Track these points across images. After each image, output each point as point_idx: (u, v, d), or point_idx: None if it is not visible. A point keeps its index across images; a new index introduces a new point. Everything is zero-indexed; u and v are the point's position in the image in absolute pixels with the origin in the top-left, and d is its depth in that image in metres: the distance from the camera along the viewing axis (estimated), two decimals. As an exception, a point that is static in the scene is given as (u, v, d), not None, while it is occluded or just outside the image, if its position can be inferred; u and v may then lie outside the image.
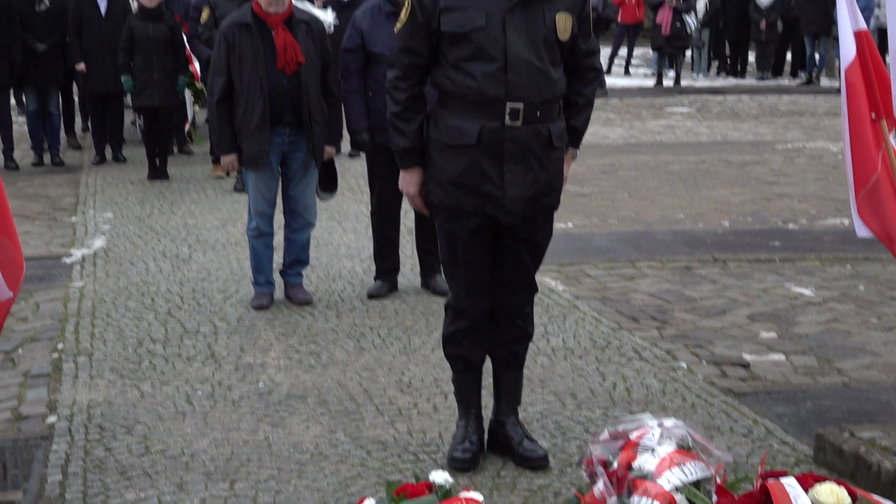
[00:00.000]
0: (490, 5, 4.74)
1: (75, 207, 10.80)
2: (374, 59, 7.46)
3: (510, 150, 4.80)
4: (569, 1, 4.86)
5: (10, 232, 5.06)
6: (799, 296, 7.85)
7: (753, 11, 21.42)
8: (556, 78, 4.86)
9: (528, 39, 4.77)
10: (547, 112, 4.84)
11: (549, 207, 5.02)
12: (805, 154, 13.74)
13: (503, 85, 4.75)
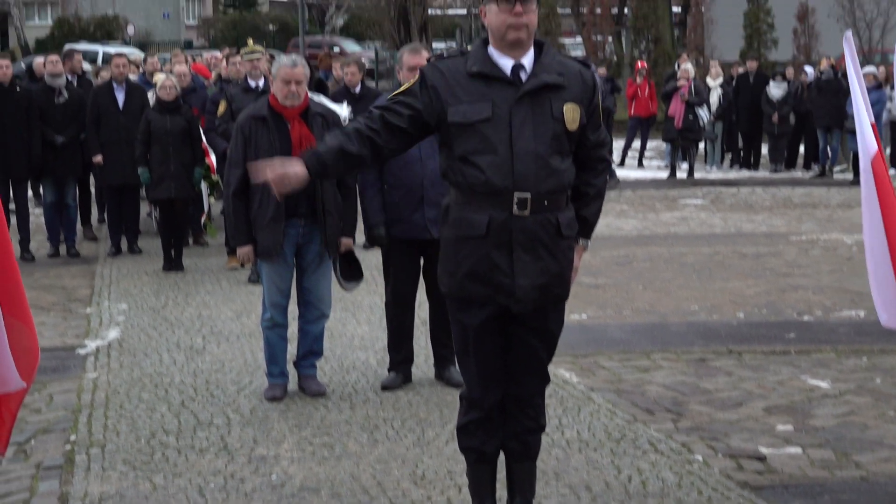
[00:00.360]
0: (496, 97, 4.80)
1: (90, 298, 10.82)
2: None
3: (519, 239, 4.83)
4: (577, 92, 4.91)
5: (27, 320, 5.08)
6: (815, 388, 7.80)
7: (765, 104, 21.56)
8: (564, 168, 4.90)
9: (534, 130, 4.81)
10: (555, 202, 4.88)
11: (559, 297, 5.04)
12: (819, 246, 13.73)
13: (510, 175, 4.79)
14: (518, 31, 4.83)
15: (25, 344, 5.07)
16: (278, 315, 7.54)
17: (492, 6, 4.87)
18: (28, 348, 5.08)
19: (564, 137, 4.89)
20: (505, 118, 4.80)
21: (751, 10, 32.08)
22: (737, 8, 33.49)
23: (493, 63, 4.86)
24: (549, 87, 4.86)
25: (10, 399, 5.04)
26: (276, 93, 7.42)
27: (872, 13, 32.23)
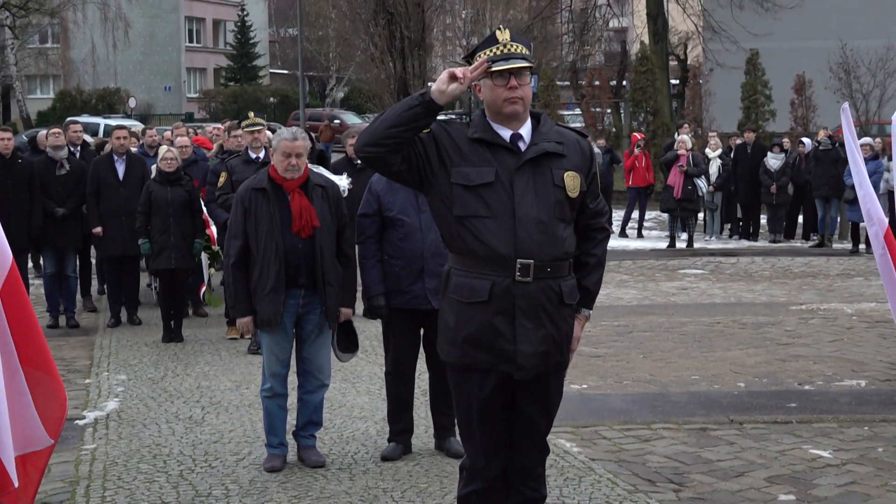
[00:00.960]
0: (499, 163, 4.83)
1: (89, 370, 10.80)
2: (389, 223, 7.55)
3: (521, 305, 4.84)
4: (577, 161, 4.98)
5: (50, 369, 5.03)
6: (817, 458, 7.77)
7: (763, 175, 21.66)
8: (566, 236, 4.94)
9: (536, 197, 4.85)
10: (557, 269, 4.90)
11: (559, 365, 5.05)
12: (819, 315, 13.73)
13: (513, 242, 4.81)
14: (514, 105, 4.89)
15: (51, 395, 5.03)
16: (278, 385, 7.52)
17: (486, 81, 4.92)
18: (53, 394, 5.04)
19: (567, 205, 4.93)
20: (507, 184, 4.84)
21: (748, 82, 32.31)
22: (734, 80, 33.75)
23: (494, 131, 4.91)
24: (550, 155, 4.91)
25: (38, 457, 5.00)
26: (277, 165, 7.46)
27: (869, 85, 32.45)
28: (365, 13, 34.22)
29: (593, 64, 50.60)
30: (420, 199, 7.54)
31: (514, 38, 4.97)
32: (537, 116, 5.02)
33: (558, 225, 4.90)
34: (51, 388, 5.00)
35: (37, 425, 4.93)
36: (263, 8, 76.51)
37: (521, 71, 4.88)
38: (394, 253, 7.56)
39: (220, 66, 73.64)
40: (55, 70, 64.57)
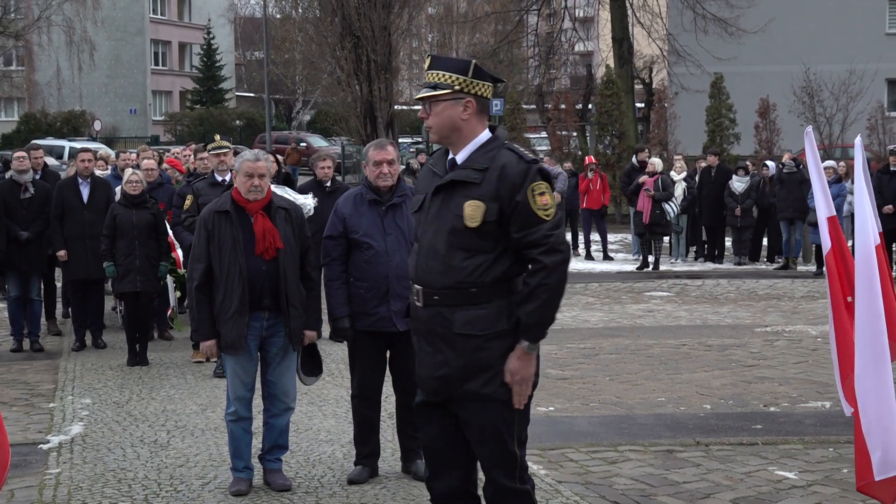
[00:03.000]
0: (426, 189, 5.02)
1: (54, 393, 10.71)
2: (355, 245, 7.56)
3: (418, 328, 5.01)
4: (490, 189, 4.86)
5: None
6: (783, 479, 7.79)
7: (728, 197, 21.79)
8: (466, 266, 4.87)
9: (437, 225, 4.91)
10: (448, 297, 4.87)
11: (479, 395, 4.92)
12: (784, 337, 13.80)
13: (415, 267, 5.00)
14: (430, 132, 5.04)
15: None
16: (242, 408, 7.49)
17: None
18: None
19: (466, 234, 4.86)
20: (426, 211, 4.98)
21: (713, 105, 32.53)
22: (699, 103, 33.98)
23: (439, 156, 5.08)
24: (457, 184, 4.90)
25: None
26: (239, 186, 7.43)
27: (832, 109, 32.74)
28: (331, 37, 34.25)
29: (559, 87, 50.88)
30: (386, 221, 7.55)
31: (433, 65, 5.03)
32: (491, 139, 5.00)
33: (456, 254, 4.87)
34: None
35: None
36: (229, 31, 76.47)
37: (433, 99, 4.94)
38: (359, 275, 7.56)
39: (186, 88, 73.52)
40: (19, 93, 64.27)
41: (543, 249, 4.88)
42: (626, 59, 37.98)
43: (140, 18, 72.47)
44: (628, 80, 37.93)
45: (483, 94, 5.03)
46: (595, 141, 34.68)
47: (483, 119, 5.07)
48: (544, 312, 4.89)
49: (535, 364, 4.98)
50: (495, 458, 5.01)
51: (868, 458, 5.77)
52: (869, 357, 5.80)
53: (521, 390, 4.94)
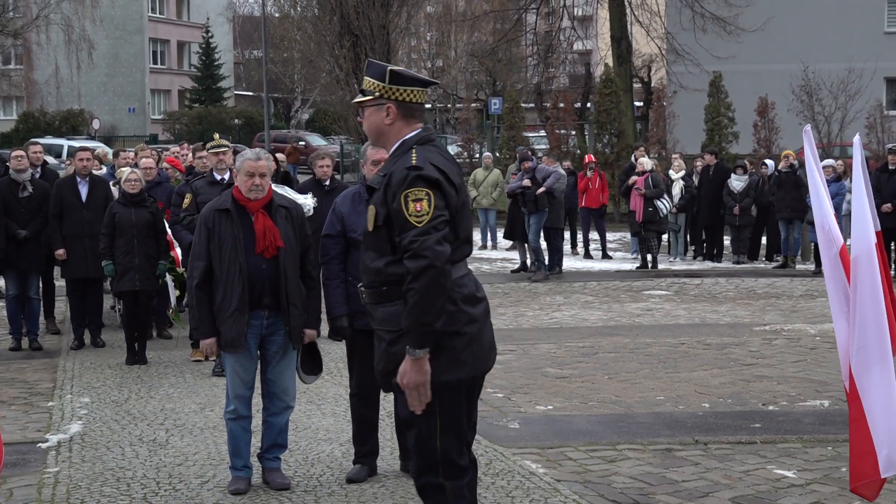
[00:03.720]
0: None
1: (52, 392, 10.71)
2: (353, 244, 7.55)
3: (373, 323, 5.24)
4: (381, 194, 5.11)
5: None
6: (781, 478, 7.79)
7: (727, 196, 21.79)
8: (377, 266, 5.12)
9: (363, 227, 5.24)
10: (370, 295, 5.20)
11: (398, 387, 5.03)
12: (783, 336, 13.80)
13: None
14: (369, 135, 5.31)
15: None
16: (242, 407, 7.49)
17: None
18: None
19: (370, 237, 5.13)
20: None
21: (711, 104, 32.51)
22: (698, 102, 33.96)
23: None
24: (371, 189, 5.27)
25: None
26: (240, 185, 7.45)
27: (831, 107, 32.74)
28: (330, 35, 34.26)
29: (558, 86, 50.86)
30: None
31: (365, 70, 5.31)
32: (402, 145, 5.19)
33: (368, 254, 5.16)
34: None
35: None
36: (228, 30, 76.47)
37: (361, 104, 5.26)
38: (357, 274, 7.55)
39: (185, 87, 73.52)
40: (18, 91, 64.26)
41: (409, 254, 4.91)
42: (624, 58, 37.97)
43: (139, 17, 72.48)
44: (627, 79, 37.92)
45: (406, 99, 5.17)
46: (594, 140, 34.67)
47: (410, 122, 5.19)
48: (415, 317, 4.86)
49: (425, 371, 4.90)
50: (415, 448, 5.20)
51: (873, 456, 5.77)
52: (873, 354, 5.80)
53: (412, 395, 4.94)
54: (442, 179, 4.98)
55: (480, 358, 5.14)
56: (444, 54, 59.92)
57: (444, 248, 4.87)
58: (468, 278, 5.15)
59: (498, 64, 50.61)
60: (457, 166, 5.23)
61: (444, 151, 5.29)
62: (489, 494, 7.32)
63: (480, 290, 5.22)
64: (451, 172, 5.09)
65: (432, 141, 5.20)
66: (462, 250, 5.13)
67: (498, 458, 8.21)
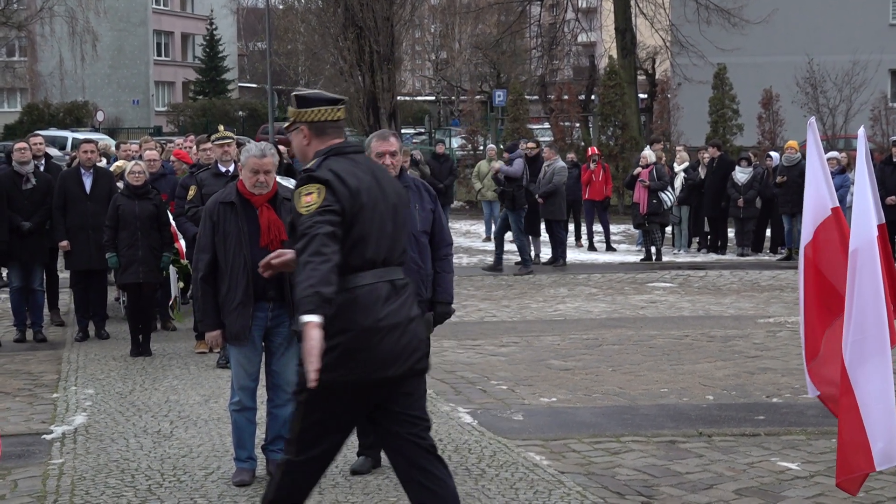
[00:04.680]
0: None
1: (57, 384, 10.73)
2: None
3: None
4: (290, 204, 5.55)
5: None
6: (785, 470, 7.80)
7: (731, 188, 21.78)
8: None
9: None
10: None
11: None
12: (787, 328, 13.80)
13: None
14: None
15: None
16: (247, 398, 7.50)
17: None
18: None
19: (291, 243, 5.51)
20: None
21: (716, 96, 32.46)
22: (702, 94, 33.92)
23: None
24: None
25: None
26: (245, 181, 7.44)
27: (835, 99, 32.69)
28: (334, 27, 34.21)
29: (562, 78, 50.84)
30: None
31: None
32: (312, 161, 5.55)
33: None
34: None
35: None
36: (232, 22, 76.41)
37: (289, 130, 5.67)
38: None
39: (189, 79, 73.49)
40: (22, 83, 64.22)
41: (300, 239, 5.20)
42: (629, 50, 37.91)
43: (143, 9, 72.44)
44: (631, 71, 37.87)
45: (315, 119, 5.53)
46: (598, 132, 34.64)
47: (324, 139, 5.52)
48: (301, 285, 5.03)
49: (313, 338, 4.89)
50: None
51: (866, 449, 5.77)
52: (871, 347, 5.80)
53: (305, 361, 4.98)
54: (333, 180, 5.24)
55: (366, 366, 5.22)
56: (448, 46, 59.83)
57: (326, 227, 5.10)
58: (374, 288, 5.28)
59: (502, 56, 50.53)
60: (373, 177, 5.46)
61: (361, 163, 5.50)
62: (493, 486, 7.33)
63: (393, 304, 5.32)
64: (354, 179, 5.32)
65: (346, 153, 5.47)
66: (360, 256, 5.28)
67: (502, 449, 8.22)
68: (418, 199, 7.68)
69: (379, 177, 5.50)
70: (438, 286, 7.69)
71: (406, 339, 5.32)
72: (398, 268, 5.46)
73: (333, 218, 5.15)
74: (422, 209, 7.65)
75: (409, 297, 5.45)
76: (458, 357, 11.95)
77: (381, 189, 5.43)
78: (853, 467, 5.83)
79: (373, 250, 5.32)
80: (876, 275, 5.84)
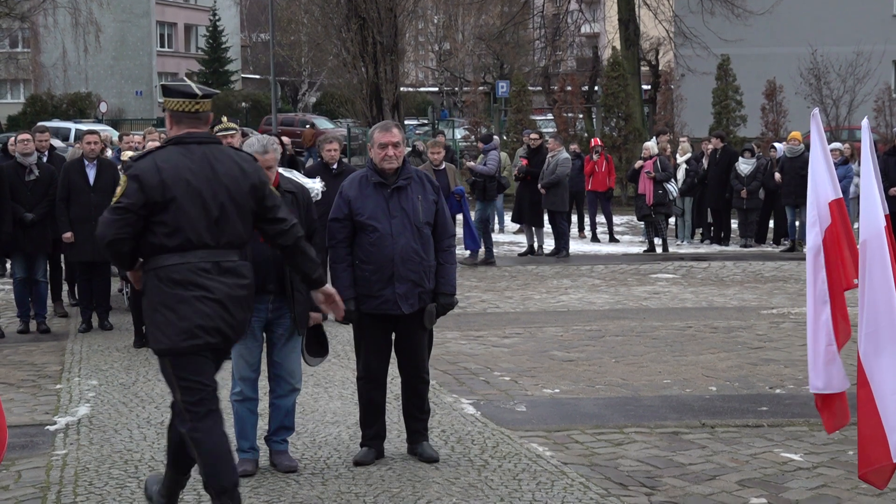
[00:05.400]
0: None
1: (60, 375, 10.74)
2: (360, 227, 7.55)
3: None
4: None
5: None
6: (788, 461, 7.80)
7: (734, 179, 21.76)
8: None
9: None
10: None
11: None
12: (790, 319, 13.79)
13: None
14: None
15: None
16: (248, 389, 7.50)
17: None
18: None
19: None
20: None
21: (719, 87, 32.45)
22: (706, 85, 33.92)
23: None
24: None
25: None
26: None
27: (839, 91, 32.67)
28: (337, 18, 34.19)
29: (565, 69, 50.75)
30: (391, 204, 7.55)
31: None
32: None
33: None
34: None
35: None
36: (235, 13, 76.37)
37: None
38: (365, 258, 7.57)
39: (192, 70, 73.41)
40: (25, 74, 64.22)
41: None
42: (632, 41, 37.88)
43: (146, 0, 72.39)
44: (634, 62, 37.84)
45: (172, 108, 6.10)
46: (601, 123, 34.63)
47: (179, 128, 6.10)
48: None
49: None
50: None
51: (884, 441, 5.76)
52: (884, 338, 5.79)
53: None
54: (142, 175, 5.86)
55: (179, 334, 5.86)
56: (452, 37, 59.79)
57: (110, 217, 5.87)
58: (182, 267, 5.87)
59: (505, 47, 50.49)
60: (208, 167, 5.97)
61: (195, 154, 5.99)
62: (496, 477, 7.33)
63: (201, 279, 5.89)
64: (172, 171, 5.89)
65: (185, 143, 6.02)
66: (174, 238, 5.87)
67: (505, 440, 8.22)
68: (421, 190, 7.67)
69: (216, 167, 5.98)
70: (441, 277, 7.69)
71: (218, 313, 5.92)
72: (226, 251, 5.98)
73: (123, 215, 5.87)
74: (424, 200, 7.65)
75: (233, 277, 5.98)
76: (462, 348, 11.96)
77: (212, 178, 5.94)
78: (872, 459, 5.83)
79: (187, 234, 5.87)
80: (886, 266, 5.83)
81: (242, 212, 6.04)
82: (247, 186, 6.05)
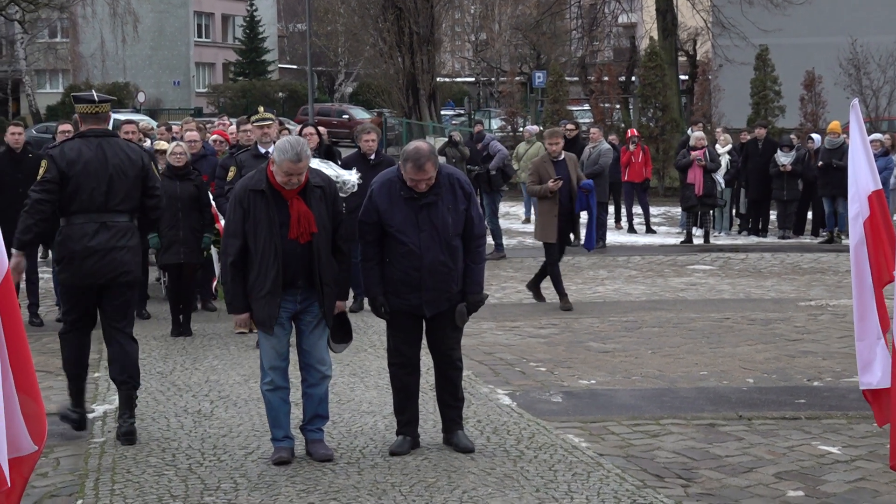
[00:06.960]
0: None
1: (98, 363, 10.79)
2: (389, 235, 7.56)
3: None
4: None
5: (32, 391, 5.10)
6: (826, 454, 7.76)
7: (773, 170, 21.62)
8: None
9: None
10: None
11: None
12: (828, 312, 13.71)
13: None
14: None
15: (32, 410, 5.11)
16: (278, 378, 7.52)
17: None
18: (35, 414, 5.12)
19: None
20: None
21: (758, 77, 32.22)
22: (744, 76, 33.69)
23: None
24: None
25: (23, 462, 5.06)
26: (277, 177, 7.34)
27: (879, 81, 32.39)
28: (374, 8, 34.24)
29: (602, 59, 50.61)
30: (420, 218, 7.51)
31: None
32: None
33: None
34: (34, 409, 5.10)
35: (24, 433, 5.00)
36: (272, 3, 76.55)
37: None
38: (394, 261, 7.58)
39: (229, 60, 73.72)
40: (64, 64, 64.65)
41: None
42: (669, 31, 37.68)
43: (183, -9, 72.70)
44: (672, 52, 37.64)
45: (80, 111, 8.16)
46: (638, 113, 34.48)
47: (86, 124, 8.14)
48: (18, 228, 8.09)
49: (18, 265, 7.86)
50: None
51: None
52: None
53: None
54: (56, 156, 7.92)
55: (78, 275, 7.94)
56: (488, 27, 59.71)
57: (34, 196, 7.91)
58: (78, 227, 7.89)
59: (542, 37, 50.35)
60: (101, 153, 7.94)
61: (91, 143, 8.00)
62: (532, 468, 7.33)
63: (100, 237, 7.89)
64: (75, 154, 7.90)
65: (86, 136, 8.02)
66: (76, 204, 7.88)
67: (541, 431, 8.22)
68: (451, 200, 7.58)
69: (107, 152, 7.97)
70: (468, 277, 7.68)
71: (106, 261, 7.89)
72: (116, 213, 7.95)
73: (47, 185, 7.88)
74: (454, 211, 7.57)
75: (119, 233, 7.93)
76: (497, 339, 11.95)
77: (103, 160, 7.92)
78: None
79: (84, 201, 7.86)
80: None
81: (125, 186, 7.97)
82: (131, 169, 8.01)
